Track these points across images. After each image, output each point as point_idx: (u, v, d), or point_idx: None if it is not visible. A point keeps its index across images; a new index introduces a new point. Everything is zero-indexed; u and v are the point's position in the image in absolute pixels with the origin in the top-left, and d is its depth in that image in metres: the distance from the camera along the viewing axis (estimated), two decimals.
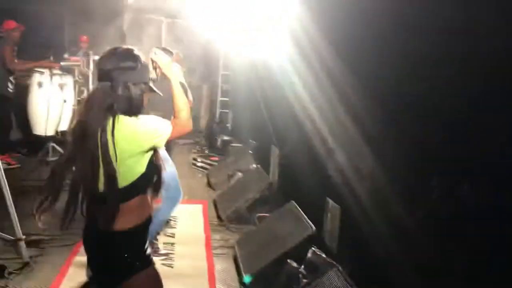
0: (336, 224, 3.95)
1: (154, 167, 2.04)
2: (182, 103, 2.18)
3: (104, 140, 1.86)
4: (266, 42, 6.24)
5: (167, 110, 2.43)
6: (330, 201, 4.02)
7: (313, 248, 3.28)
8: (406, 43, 2.83)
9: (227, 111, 9.33)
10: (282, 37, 5.52)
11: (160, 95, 2.15)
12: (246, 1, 6.67)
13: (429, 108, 2.65)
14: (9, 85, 5.97)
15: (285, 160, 5.65)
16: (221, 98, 9.27)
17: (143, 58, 2.05)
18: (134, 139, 1.92)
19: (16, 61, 6.04)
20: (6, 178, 5.48)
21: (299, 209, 3.95)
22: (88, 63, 6.17)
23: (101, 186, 1.91)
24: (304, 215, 3.79)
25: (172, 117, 2.18)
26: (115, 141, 1.87)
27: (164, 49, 3.89)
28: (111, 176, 1.87)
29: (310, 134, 4.70)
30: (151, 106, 2.25)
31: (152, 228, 3.63)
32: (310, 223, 3.61)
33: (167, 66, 2.36)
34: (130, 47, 2.06)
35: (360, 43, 3.58)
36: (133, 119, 1.95)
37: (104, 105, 1.90)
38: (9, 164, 6.05)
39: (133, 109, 1.97)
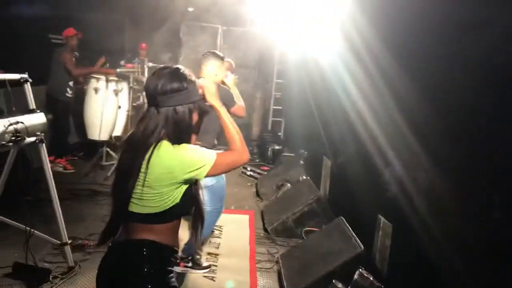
0: (388, 243, 3.73)
1: (191, 199, 1.92)
2: (233, 133, 2.02)
3: (138, 164, 1.80)
4: (320, 48, 6.09)
5: None
6: (382, 219, 3.80)
7: (360, 270, 3.08)
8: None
9: (280, 119, 9.23)
10: (336, 43, 5.35)
11: (211, 111, 2.06)
12: (301, 5, 6.59)
13: (496, 121, 2.40)
14: (68, 90, 6.16)
15: (337, 172, 5.45)
16: (274, 107, 9.18)
17: (190, 76, 1.94)
18: (169, 169, 1.81)
19: (75, 67, 6.23)
20: (61, 181, 5.68)
21: (348, 225, 3.75)
22: (143, 70, 6.25)
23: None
24: (353, 233, 3.59)
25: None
26: (149, 166, 1.79)
27: (214, 54, 3.85)
28: (124, 199, 1.83)
29: (365, 145, 4.49)
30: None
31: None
32: (359, 241, 3.41)
33: (212, 96, 2.11)
34: (177, 66, 1.96)
35: (423, 47, 3.36)
36: (175, 148, 1.85)
37: (149, 130, 1.84)
38: (65, 168, 6.25)
39: (182, 133, 1.89)
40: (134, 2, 8.67)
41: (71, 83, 6.18)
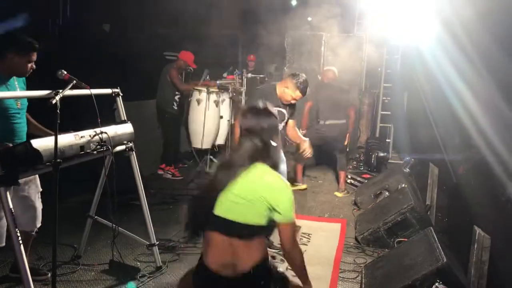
0: (485, 258, 3.38)
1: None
2: None
3: (233, 175, 2.20)
4: (429, 49, 5.75)
5: None
6: (478, 230, 3.45)
7: (436, 285, 2.83)
8: None
9: (389, 125, 8.85)
10: (446, 42, 5.01)
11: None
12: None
13: None
14: (174, 103, 6.63)
15: (446, 180, 5.07)
16: (382, 112, 8.83)
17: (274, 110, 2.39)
18: (255, 188, 2.17)
19: (182, 83, 6.71)
20: (168, 187, 6.14)
21: (435, 237, 3.47)
22: (242, 81, 6.47)
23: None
24: (439, 245, 3.31)
25: None
26: (243, 181, 2.17)
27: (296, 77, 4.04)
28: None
29: (482, 153, 4.13)
30: None
31: None
32: (442, 254, 3.13)
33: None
34: (266, 105, 2.38)
35: None
36: (267, 172, 2.22)
37: (246, 155, 2.23)
38: (173, 175, 6.72)
39: (272, 158, 2.27)
40: (246, 16, 9.05)
41: (177, 97, 6.63)
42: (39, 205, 3.40)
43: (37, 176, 3.33)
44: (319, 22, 8.49)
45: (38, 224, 3.41)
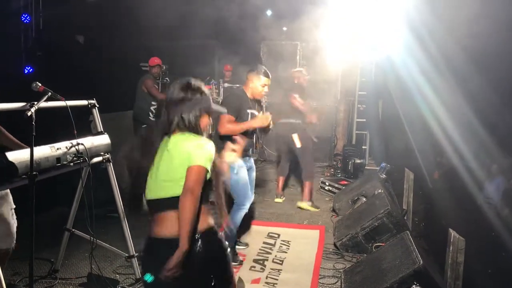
0: (460, 260, 3.46)
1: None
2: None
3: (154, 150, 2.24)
4: (400, 57, 5.89)
5: None
6: (453, 233, 3.54)
7: (414, 286, 2.89)
8: None
9: (365, 132, 8.98)
10: (415, 51, 5.15)
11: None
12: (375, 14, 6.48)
13: None
14: (150, 114, 6.61)
15: (421, 185, 5.18)
16: (358, 119, 8.97)
17: (199, 87, 2.28)
18: (174, 152, 2.15)
19: (160, 92, 6.70)
20: None
21: (412, 240, 3.54)
22: (218, 91, 6.50)
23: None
24: (415, 247, 3.38)
25: None
26: (163, 155, 2.18)
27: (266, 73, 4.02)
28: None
29: (449, 157, 4.25)
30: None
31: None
32: (419, 256, 3.20)
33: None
34: (188, 78, 2.29)
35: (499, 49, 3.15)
36: (185, 136, 2.19)
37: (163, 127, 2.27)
38: None
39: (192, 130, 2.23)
40: (222, 27, 9.09)
41: (153, 108, 6.61)
42: (13, 222, 3.29)
43: (9, 192, 3.22)
44: (294, 31, 8.61)
45: (13, 242, 3.29)
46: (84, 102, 3.52)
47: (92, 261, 3.43)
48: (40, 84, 2.97)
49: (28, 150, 2.65)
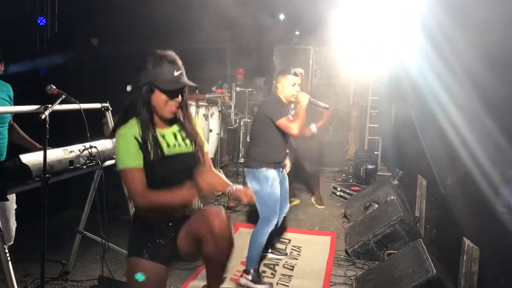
0: (475, 269, 3.40)
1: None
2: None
3: None
4: (415, 62, 5.85)
5: None
6: (467, 241, 3.48)
7: None
8: None
9: (377, 138, 8.93)
10: (430, 55, 5.10)
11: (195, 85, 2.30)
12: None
13: None
14: None
15: (435, 192, 5.12)
16: (370, 125, 8.91)
17: (162, 60, 2.15)
18: None
19: None
20: None
21: (425, 249, 3.49)
22: (231, 95, 6.50)
23: None
24: (428, 256, 3.33)
25: None
26: None
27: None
28: None
29: (463, 162, 4.18)
30: None
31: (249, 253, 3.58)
32: (432, 265, 3.15)
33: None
34: (163, 51, 2.19)
35: None
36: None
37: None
38: None
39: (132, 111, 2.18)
40: (236, 31, 9.12)
41: None
42: (12, 223, 3.32)
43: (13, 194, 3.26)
44: (307, 35, 8.60)
45: (10, 242, 3.31)
46: (97, 105, 3.54)
47: (103, 263, 3.44)
48: (54, 87, 2.99)
49: (41, 153, 2.67)
